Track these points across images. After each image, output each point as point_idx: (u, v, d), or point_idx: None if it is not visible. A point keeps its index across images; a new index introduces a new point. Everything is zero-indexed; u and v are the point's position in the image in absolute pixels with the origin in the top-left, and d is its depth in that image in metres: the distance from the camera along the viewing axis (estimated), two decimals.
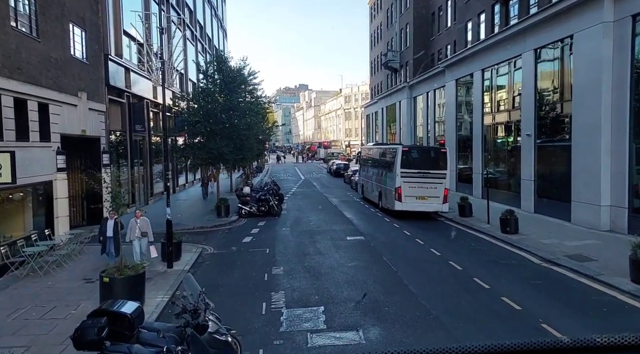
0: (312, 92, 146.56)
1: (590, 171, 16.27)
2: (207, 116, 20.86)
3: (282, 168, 62.32)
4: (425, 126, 35.60)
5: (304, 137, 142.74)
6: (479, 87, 25.04)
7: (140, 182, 23.67)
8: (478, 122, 25.18)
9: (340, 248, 14.45)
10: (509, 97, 22.87)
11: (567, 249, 13.63)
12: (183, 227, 18.05)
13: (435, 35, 37.02)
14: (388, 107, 46.87)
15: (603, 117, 15.71)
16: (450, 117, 29.25)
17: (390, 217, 20.37)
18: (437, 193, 19.83)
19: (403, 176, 19.86)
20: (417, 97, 37.85)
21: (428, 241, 15.49)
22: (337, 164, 47.25)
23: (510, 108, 22.68)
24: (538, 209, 19.64)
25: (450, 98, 29.30)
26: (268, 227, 18.48)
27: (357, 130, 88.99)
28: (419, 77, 35.85)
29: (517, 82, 21.74)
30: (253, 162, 29.92)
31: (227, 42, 63.88)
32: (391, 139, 46.23)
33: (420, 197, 19.88)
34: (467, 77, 27.03)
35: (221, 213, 19.94)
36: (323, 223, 19.11)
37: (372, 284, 10.73)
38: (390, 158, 21.32)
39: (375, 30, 54.36)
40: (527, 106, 20.33)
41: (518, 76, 21.54)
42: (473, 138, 25.82)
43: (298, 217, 20.68)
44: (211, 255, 14.04)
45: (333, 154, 72.66)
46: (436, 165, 20.05)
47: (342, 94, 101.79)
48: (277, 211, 20.92)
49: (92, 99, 17.66)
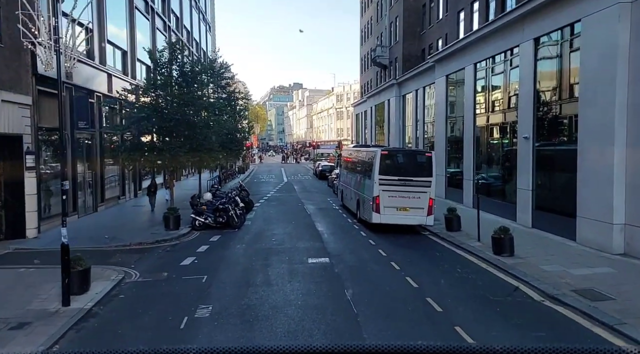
0: (306, 90, 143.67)
1: (601, 181, 13.61)
2: (157, 111, 18.07)
3: (267, 169, 59.61)
4: (414, 126, 32.93)
5: (297, 137, 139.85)
6: (470, 84, 22.37)
7: (86, 188, 20.84)
8: (470, 122, 22.51)
9: (296, 276, 11.71)
10: (504, 95, 20.21)
11: (574, 281, 10.95)
12: (118, 244, 15.31)
13: (426, 28, 34.36)
14: (377, 106, 44.20)
15: (617, 117, 13.05)
16: (441, 117, 26.58)
17: (367, 230, 17.66)
18: (421, 204, 17.14)
19: (382, 183, 17.17)
20: (407, 95, 35.18)
21: (405, 265, 12.78)
22: (323, 165, 44.58)
23: (506, 107, 20.02)
24: (536, 223, 16.98)
25: (440, 96, 26.63)
26: (221, 244, 15.72)
27: (348, 130, 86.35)
28: (408, 74, 33.17)
29: (513, 78, 19.07)
30: (218, 164, 26.72)
31: (211, 36, 61.02)
32: (380, 140, 43.55)
33: (401, 209, 17.18)
34: (458, 73, 24.36)
35: (169, 225, 17.16)
36: (288, 238, 16.37)
37: (320, 338, 8.01)
38: (369, 163, 18.63)
39: (366, 25, 51.68)
40: (524, 105, 17.67)
41: (515, 71, 18.86)
42: (464, 140, 23.16)
43: (261, 231, 17.93)
44: (132, 285, 11.25)
45: (322, 154, 69.99)
46: (420, 171, 17.36)
47: (334, 93, 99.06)
48: (237, 222, 18.16)
49: (10, 90, 14.84)
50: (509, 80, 19.49)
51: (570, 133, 15.70)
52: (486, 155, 22.00)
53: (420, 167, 17.48)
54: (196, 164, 19.78)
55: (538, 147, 17.05)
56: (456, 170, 25.11)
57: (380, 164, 17.24)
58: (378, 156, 17.38)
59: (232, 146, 28.58)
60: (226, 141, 26.95)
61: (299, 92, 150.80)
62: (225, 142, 26.93)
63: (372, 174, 17.49)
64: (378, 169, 17.23)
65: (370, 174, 17.82)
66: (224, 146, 26.37)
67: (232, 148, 28.63)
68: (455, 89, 25.50)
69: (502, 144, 20.62)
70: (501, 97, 20.59)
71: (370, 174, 17.82)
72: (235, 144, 29.36)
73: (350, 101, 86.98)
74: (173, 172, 19.63)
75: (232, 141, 28.97)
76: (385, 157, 17.49)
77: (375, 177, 17.25)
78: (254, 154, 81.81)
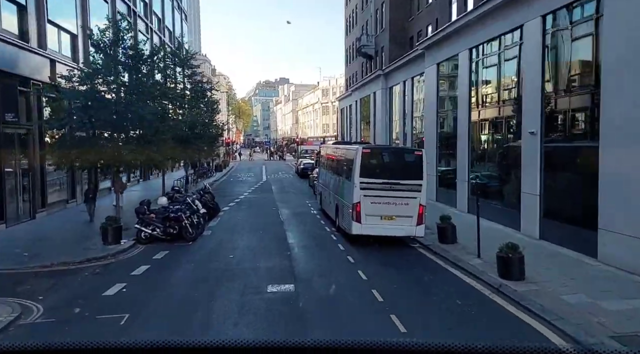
0: (292, 85, 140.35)
1: (629, 186, 11.02)
2: (95, 100, 15.08)
3: (247, 166, 56.64)
4: (402, 121, 30.25)
5: (283, 133, 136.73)
6: (465, 71, 19.71)
7: (19, 191, 17.78)
8: (464, 115, 19.86)
9: (247, 315, 8.91)
10: (505, 84, 17.56)
11: (610, 320, 8.31)
12: (37, 264, 12.37)
13: (414, 14, 31.66)
14: (362, 99, 41.47)
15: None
16: (431, 110, 23.90)
17: (347, 243, 14.93)
18: (410, 211, 14.44)
19: (363, 187, 14.43)
20: (394, 87, 32.49)
21: (391, 294, 10.04)
22: (305, 163, 41.71)
23: (507, 98, 17.38)
24: (545, 234, 14.39)
25: (430, 87, 23.95)
26: (165, 263, 12.86)
27: (334, 126, 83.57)
28: (395, 64, 30.44)
29: (516, 64, 16.43)
30: (178, 162, 23.42)
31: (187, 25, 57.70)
32: (366, 136, 40.85)
33: (386, 217, 14.46)
34: (451, 60, 21.70)
35: (108, 238, 14.25)
36: (249, 255, 13.56)
37: None
38: (348, 163, 15.89)
39: (351, 14, 48.83)
40: (530, 94, 15.04)
41: (518, 54, 16.22)
42: (458, 136, 20.52)
43: (220, 244, 15.09)
44: (25, 329, 8.36)
45: (307, 151, 66.92)
46: (409, 173, 14.66)
47: (320, 87, 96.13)
48: (192, 233, 15.29)
49: None
50: (511, 66, 16.84)
51: (589, 128, 13.09)
52: (482, 152, 19.38)
53: (409, 168, 14.77)
54: (146, 163, 16.81)
55: (548, 145, 14.42)
56: (448, 169, 22.51)
57: (361, 164, 14.50)
58: (359, 154, 14.63)
59: (199, 142, 25.67)
60: (190, 136, 24.05)
61: (284, 87, 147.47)
62: (189, 137, 24.05)
63: (352, 176, 14.74)
64: (359, 170, 14.48)
65: (350, 176, 15.07)
66: (186, 142, 23.49)
67: (198, 144, 25.72)
68: (447, 78, 22.84)
69: (501, 140, 17.98)
70: (503, 85, 17.95)
71: (350, 176, 15.07)
72: (204, 140, 26.43)
73: (337, 95, 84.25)
74: (117, 172, 16.63)
75: (199, 136, 26.07)
76: (367, 156, 14.74)
77: (355, 180, 14.50)
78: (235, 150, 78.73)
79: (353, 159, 14.98)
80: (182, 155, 24.12)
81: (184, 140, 24.46)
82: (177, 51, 25.88)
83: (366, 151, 14.80)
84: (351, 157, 15.48)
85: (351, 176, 14.92)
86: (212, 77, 73.35)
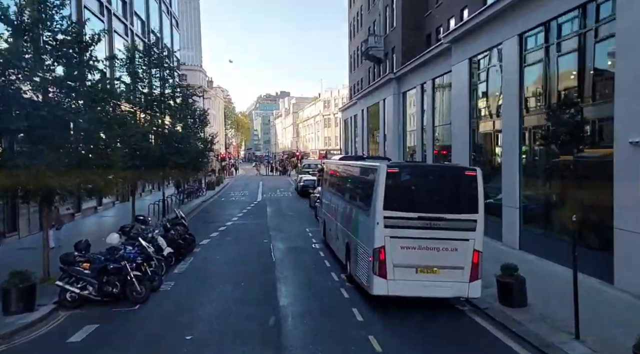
0: (292, 98, 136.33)
1: None
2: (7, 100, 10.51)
3: (243, 183, 51.92)
4: (419, 130, 25.62)
5: (283, 146, 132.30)
6: (513, 63, 15.12)
7: None
8: (512, 121, 15.24)
9: None
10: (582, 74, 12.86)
11: None
12: None
13: (432, 7, 27.26)
14: (369, 108, 36.95)
15: None
16: (461, 116, 19.26)
17: (366, 307, 10.19)
18: (460, 260, 9.75)
19: (390, 224, 9.75)
20: (408, 91, 27.94)
21: None
22: (305, 180, 37.00)
23: (583, 93, 12.73)
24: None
25: (459, 87, 19.37)
26: (84, 350, 8.13)
27: (337, 138, 79.07)
28: (410, 64, 25.92)
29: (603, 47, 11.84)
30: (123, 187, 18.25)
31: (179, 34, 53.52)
32: (373, 150, 36.25)
33: (424, 270, 9.76)
34: (490, 52, 17.15)
35: (11, 306, 9.53)
36: (217, 334, 8.77)
37: None
38: (366, 186, 11.24)
39: (355, 17, 44.58)
40: (628, 86, 10.43)
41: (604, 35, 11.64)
42: (504, 146, 15.89)
43: (180, 308, 10.27)
44: None
45: (309, 165, 61.70)
46: (457, 203, 10.05)
47: (321, 99, 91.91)
48: (140, 292, 10.54)
49: None
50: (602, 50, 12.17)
51: None
52: (540, 169, 14.67)
53: (458, 195, 10.13)
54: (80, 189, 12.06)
55: None
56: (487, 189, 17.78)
57: (386, 190, 9.81)
58: (382, 175, 9.94)
59: (176, 158, 21.07)
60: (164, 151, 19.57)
61: (285, 100, 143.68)
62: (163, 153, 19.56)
63: (372, 206, 10.06)
64: (382, 198, 9.80)
65: (369, 207, 10.40)
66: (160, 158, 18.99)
67: (176, 161, 21.11)
68: (483, 75, 18.27)
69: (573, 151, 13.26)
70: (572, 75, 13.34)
71: (369, 207, 10.40)
72: (183, 156, 21.83)
73: (339, 106, 79.95)
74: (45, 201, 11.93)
75: (177, 151, 21.51)
76: (394, 177, 10.04)
77: (376, 214, 9.81)
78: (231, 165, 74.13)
79: (373, 181, 10.30)
80: (152, 175, 19.54)
81: (157, 156, 19.91)
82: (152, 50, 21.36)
83: (393, 170, 10.07)
84: (370, 179, 10.81)
85: (370, 207, 10.24)
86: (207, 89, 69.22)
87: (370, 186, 10.56)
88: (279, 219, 23.89)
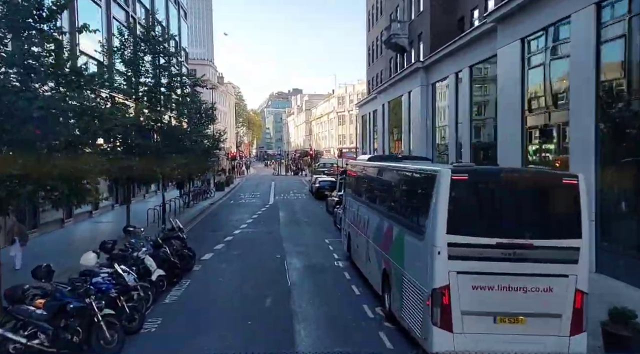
0: (305, 95, 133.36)
1: None
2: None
3: (254, 183, 49.24)
4: (452, 126, 22.58)
5: (296, 145, 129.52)
6: (589, 39, 12.08)
7: None
8: (586, 114, 12.20)
9: None
10: None
11: None
12: None
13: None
14: (391, 102, 33.94)
15: None
16: (510, 108, 16.23)
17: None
18: (555, 305, 6.86)
19: (457, 254, 6.87)
20: (438, 82, 24.92)
21: None
22: (321, 181, 34.17)
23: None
24: None
25: (508, 73, 16.32)
26: None
27: (351, 136, 75.99)
28: (442, 51, 22.88)
29: None
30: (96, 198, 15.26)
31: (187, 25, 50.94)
32: (395, 147, 33.30)
33: (506, 319, 6.87)
34: (551, 30, 14.11)
35: None
36: None
37: None
38: (417, 196, 8.38)
39: (374, 4, 41.52)
40: None
41: None
42: (571, 144, 12.89)
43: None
44: None
45: (325, 165, 58.59)
46: (551, 224, 7.12)
47: (335, 95, 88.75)
48: (109, 339, 7.80)
49: None
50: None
51: None
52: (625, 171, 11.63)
53: (553, 212, 7.21)
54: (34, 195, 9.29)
55: None
56: None
57: (451, 204, 6.93)
58: (445, 183, 7.03)
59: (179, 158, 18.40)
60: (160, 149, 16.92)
61: (297, 97, 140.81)
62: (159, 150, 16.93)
63: (430, 227, 7.18)
64: (446, 217, 6.91)
65: (422, 227, 7.52)
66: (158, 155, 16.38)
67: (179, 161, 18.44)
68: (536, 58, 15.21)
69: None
70: None
71: (422, 227, 7.52)
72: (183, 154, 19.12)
73: (354, 103, 76.97)
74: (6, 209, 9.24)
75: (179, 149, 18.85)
76: (462, 186, 7.13)
77: (437, 239, 6.93)
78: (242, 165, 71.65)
79: (429, 192, 7.38)
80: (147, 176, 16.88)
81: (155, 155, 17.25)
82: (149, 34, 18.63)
83: (460, 177, 7.13)
84: (423, 188, 7.92)
85: (425, 228, 7.35)
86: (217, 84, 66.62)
87: (424, 198, 7.66)
88: (293, 227, 21.09)
